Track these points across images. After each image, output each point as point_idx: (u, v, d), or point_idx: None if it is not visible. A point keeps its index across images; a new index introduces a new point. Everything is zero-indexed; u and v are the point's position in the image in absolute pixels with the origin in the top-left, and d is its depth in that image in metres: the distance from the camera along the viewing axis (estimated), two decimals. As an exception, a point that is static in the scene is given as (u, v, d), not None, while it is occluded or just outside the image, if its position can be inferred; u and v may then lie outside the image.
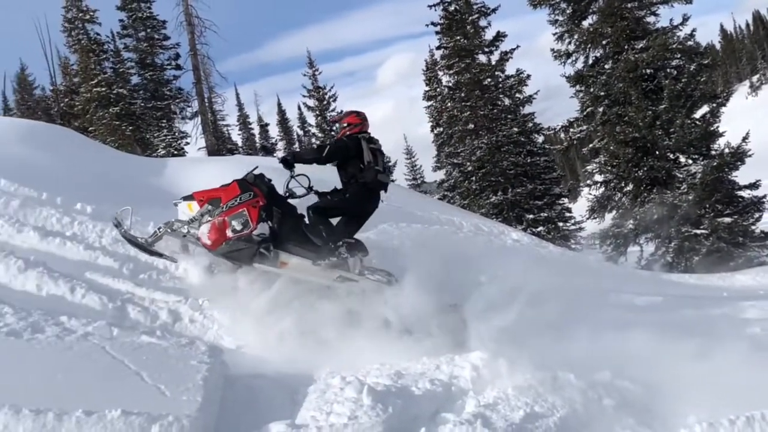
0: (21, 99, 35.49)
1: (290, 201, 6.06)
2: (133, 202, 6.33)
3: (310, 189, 6.14)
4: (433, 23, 24.99)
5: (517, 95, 24.80)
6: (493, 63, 24.91)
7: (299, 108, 40.89)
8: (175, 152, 23.54)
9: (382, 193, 6.15)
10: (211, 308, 5.44)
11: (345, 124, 6.24)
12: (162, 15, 28.34)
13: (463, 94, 24.70)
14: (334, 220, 6.02)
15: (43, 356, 3.89)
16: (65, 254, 6.33)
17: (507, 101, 24.98)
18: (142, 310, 5.33)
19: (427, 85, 30.03)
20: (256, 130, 43.36)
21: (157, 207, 7.22)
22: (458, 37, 24.43)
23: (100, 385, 3.67)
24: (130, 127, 24.98)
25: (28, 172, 8.10)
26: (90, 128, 24.49)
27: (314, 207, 5.90)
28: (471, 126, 24.27)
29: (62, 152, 10.20)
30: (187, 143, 26.68)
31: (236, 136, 39.27)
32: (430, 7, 24.84)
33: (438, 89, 28.60)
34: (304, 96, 33.25)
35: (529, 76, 24.43)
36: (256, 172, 5.98)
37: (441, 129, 27.61)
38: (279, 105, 46.61)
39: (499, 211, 22.88)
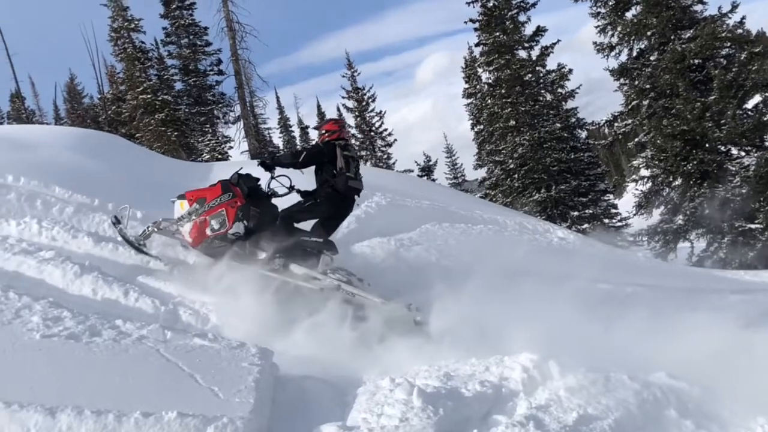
0: (71, 108, 36.81)
1: (276, 199, 6.51)
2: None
3: (291, 188, 6.55)
4: (471, 20, 24.87)
5: (559, 90, 24.46)
6: (534, 58, 24.62)
7: (338, 109, 41.09)
8: (219, 156, 23.98)
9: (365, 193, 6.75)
10: (259, 310, 5.49)
11: (323, 131, 6.60)
12: (204, 21, 28.97)
13: (503, 91, 24.48)
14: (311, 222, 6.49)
15: (101, 359, 3.99)
16: (118, 259, 6.49)
17: (549, 97, 24.66)
18: (192, 313, 5.44)
19: (466, 82, 29.90)
20: (297, 133, 43.94)
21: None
22: (497, 33, 24.23)
23: (155, 387, 3.74)
24: (175, 133, 25.56)
25: (80, 179, 8.35)
26: (137, 134, 25.18)
27: (283, 214, 6.35)
28: (512, 122, 24.03)
29: (112, 159, 10.49)
30: (231, 147, 27.15)
31: (277, 139, 39.84)
32: (468, 3, 24.75)
33: (478, 86, 28.44)
34: (343, 97, 33.52)
35: (570, 71, 24.10)
36: (242, 172, 6.42)
37: (481, 126, 27.44)
38: (318, 107, 47.05)
39: (542, 208, 22.60)
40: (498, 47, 24.29)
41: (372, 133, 32.82)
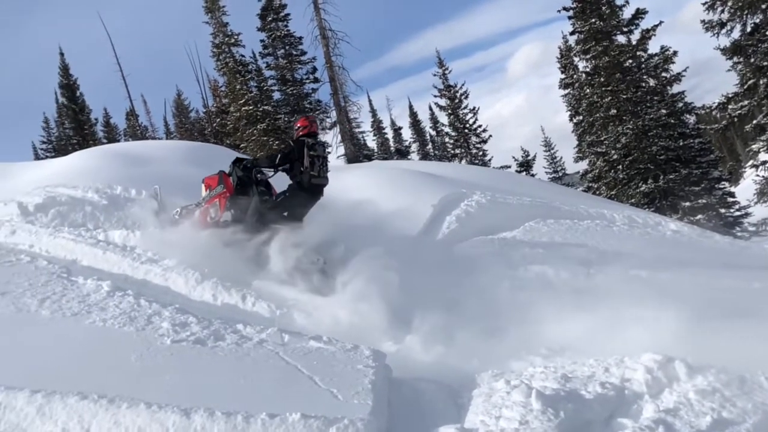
0: (179, 122, 39.08)
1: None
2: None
3: (276, 170, 7.35)
4: (564, 8, 24.08)
5: (663, 74, 23.13)
6: (634, 43, 23.44)
7: (430, 108, 41.24)
8: (318, 162, 24.52)
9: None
10: (370, 312, 5.58)
11: (297, 127, 7.44)
12: (298, 32, 29.81)
13: (602, 79, 23.49)
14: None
15: (226, 362, 4.20)
16: (231, 264, 6.80)
17: (652, 82, 23.39)
18: (306, 316, 5.60)
19: (562, 72, 29.02)
20: (390, 134, 44.30)
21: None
22: (593, 20, 23.31)
23: (277, 388, 3.88)
24: (276, 141, 26.48)
25: (195, 189, 8.83)
26: (241, 145, 26.31)
27: (262, 206, 7.17)
28: (613, 111, 23.02)
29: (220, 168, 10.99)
30: (329, 152, 27.76)
31: (371, 142, 40.34)
32: (561, -9, 23.94)
33: (575, 76, 27.52)
34: (435, 96, 33.42)
35: (675, 53, 22.75)
36: (238, 161, 7.51)
37: (581, 117, 26.51)
38: (410, 107, 47.32)
39: (650, 200, 21.49)
40: (594, 34, 23.35)
41: (466, 131, 32.52)
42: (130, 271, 6.40)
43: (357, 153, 29.06)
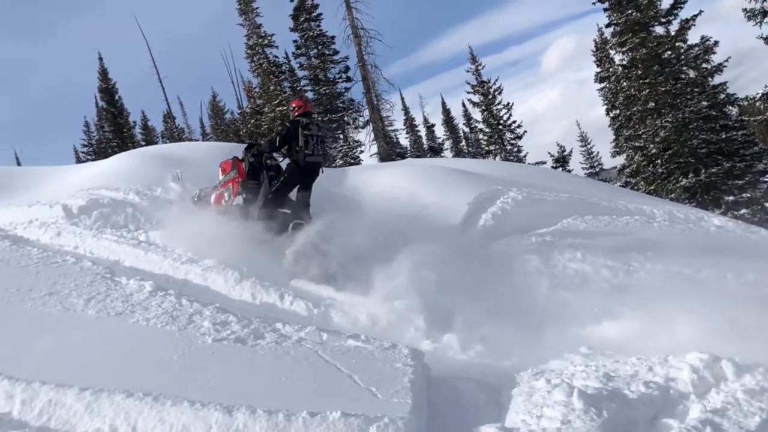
0: (215, 123, 39.64)
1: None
2: (325, 210, 7.62)
3: (284, 155, 7.78)
4: (600, 0, 23.63)
5: (704, 65, 22.56)
6: (672, 34, 22.90)
7: (463, 105, 41.01)
8: (352, 161, 24.68)
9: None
10: (407, 311, 5.57)
11: (292, 108, 7.90)
12: (330, 31, 29.94)
13: (639, 72, 23.01)
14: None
15: (266, 361, 4.25)
16: (269, 264, 6.88)
17: (692, 73, 22.82)
18: (343, 315, 5.63)
19: (598, 66, 28.52)
20: (423, 132, 44.17)
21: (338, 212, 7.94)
22: (630, 11, 22.86)
23: (317, 387, 3.91)
24: (310, 141, 26.62)
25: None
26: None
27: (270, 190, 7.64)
28: (652, 105, 22.54)
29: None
30: (362, 151, 27.86)
31: (404, 140, 40.29)
32: (596, -17, 23.53)
33: (611, 69, 26.96)
34: (468, 92, 33.20)
35: (716, 43, 22.15)
36: (251, 147, 8.10)
37: (618, 111, 26.02)
38: (443, 104, 47.10)
39: (691, 195, 20.98)
40: (631, 26, 22.89)
41: (500, 127, 32.22)
42: (171, 271, 6.52)
43: (390, 151, 29.04)
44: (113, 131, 34.56)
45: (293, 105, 7.88)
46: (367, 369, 4.12)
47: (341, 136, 28.34)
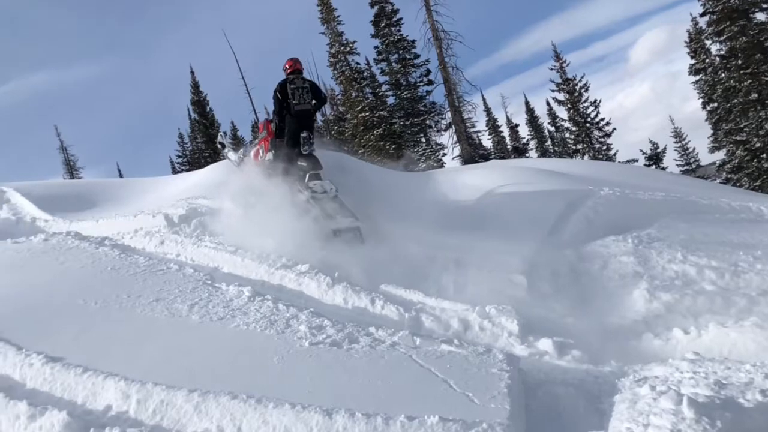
0: (299, 131, 40.59)
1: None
2: (409, 214, 8.07)
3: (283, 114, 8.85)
4: (694, -12, 22.48)
5: (813, 50, 20.95)
6: (776, 18, 21.44)
7: (548, 103, 40.07)
8: (435, 164, 24.66)
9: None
10: (499, 315, 5.49)
11: (284, 68, 8.92)
12: (411, 35, 30.09)
13: (740, 61, 21.70)
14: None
15: (362, 364, 4.30)
16: (357, 268, 6.97)
17: (799, 60, 21.26)
18: (434, 319, 5.61)
19: (692, 57, 27.06)
20: (506, 132, 43.49)
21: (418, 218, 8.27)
22: (727, -2, 21.58)
23: (413, 391, 3.92)
24: (393, 146, 26.87)
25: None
26: (359, 150, 26.94)
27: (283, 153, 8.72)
28: (755, 96, 21.19)
29: (349, 174, 11.26)
30: (444, 154, 27.80)
31: (486, 141, 39.81)
32: (689, -30, 22.41)
33: (707, 60, 25.57)
34: (552, 90, 32.44)
35: (826, 25, 20.51)
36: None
37: (716, 104, 24.60)
38: (527, 103, 46.25)
39: (802, 189, 19.52)
40: (729, 13, 21.61)
41: (587, 125, 31.25)
42: (267, 276, 6.74)
43: (473, 153, 28.82)
44: (205, 142, 36.20)
45: (285, 65, 8.91)
46: (462, 374, 4.09)
47: (423, 140, 28.37)
